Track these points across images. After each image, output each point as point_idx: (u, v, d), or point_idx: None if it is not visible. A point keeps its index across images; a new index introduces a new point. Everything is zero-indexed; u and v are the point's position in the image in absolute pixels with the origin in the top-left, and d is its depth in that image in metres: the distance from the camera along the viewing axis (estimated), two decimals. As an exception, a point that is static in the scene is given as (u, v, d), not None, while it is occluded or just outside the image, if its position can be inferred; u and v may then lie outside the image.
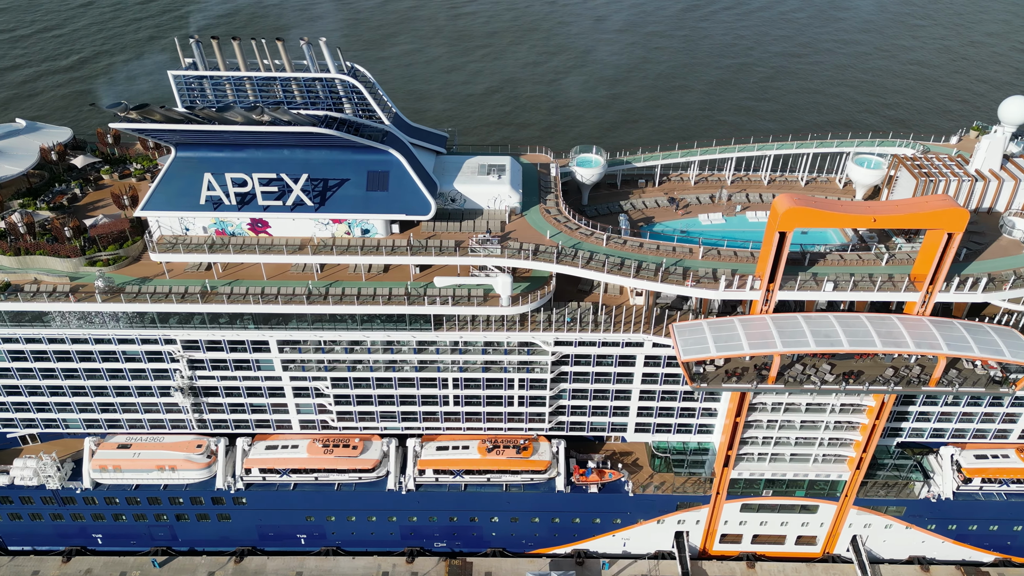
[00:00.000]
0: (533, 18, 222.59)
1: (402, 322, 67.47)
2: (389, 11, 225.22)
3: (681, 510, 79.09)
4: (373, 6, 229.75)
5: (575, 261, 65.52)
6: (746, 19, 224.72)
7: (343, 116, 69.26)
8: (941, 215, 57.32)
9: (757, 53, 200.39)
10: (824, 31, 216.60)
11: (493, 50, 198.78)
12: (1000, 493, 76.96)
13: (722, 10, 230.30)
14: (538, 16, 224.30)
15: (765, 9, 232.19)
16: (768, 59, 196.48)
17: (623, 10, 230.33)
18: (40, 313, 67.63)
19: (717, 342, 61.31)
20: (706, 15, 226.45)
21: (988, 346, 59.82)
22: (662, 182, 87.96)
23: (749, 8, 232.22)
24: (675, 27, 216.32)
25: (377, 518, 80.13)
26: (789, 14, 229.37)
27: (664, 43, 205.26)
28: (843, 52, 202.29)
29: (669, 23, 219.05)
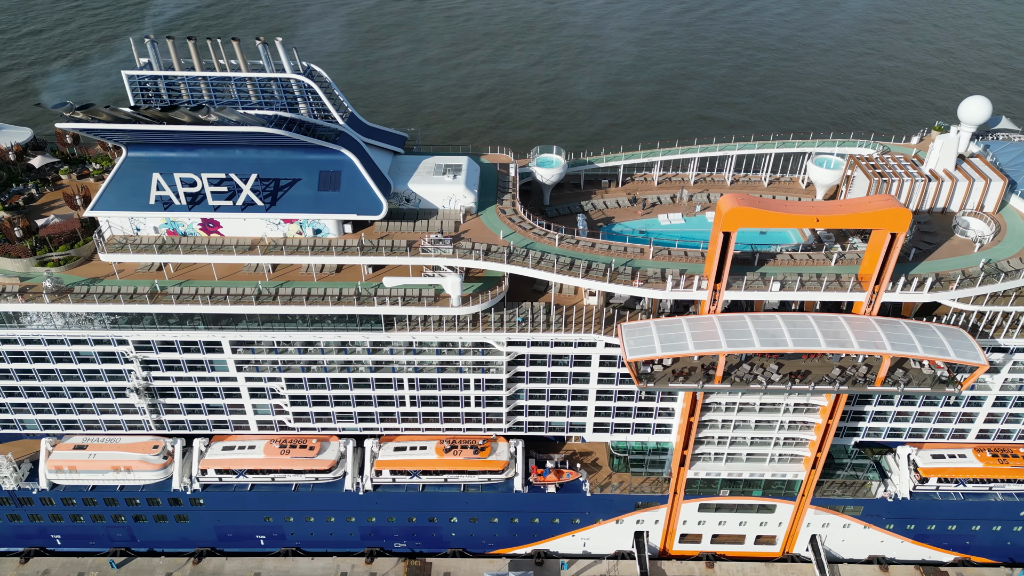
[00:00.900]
0: (531, 17, 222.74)
1: (353, 323, 67.36)
2: (386, 11, 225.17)
3: (639, 510, 79.10)
4: (369, 6, 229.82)
5: (525, 261, 65.47)
6: (749, 17, 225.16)
7: (295, 116, 69.03)
8: (883, 215, 57.37)
9: (759, 53, 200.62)
10: (817, 32, 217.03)
11: (486, 50, 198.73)
12: (957, 493, 77.12)
13: (723, 9, 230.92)
14: (536, 15, 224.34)
15: (762, 10, 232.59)
16: (767, 59, 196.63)
17: (627, 9, 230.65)
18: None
19: (663, 342, 61.29)
20: (707, 15, 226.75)
21: (933, 346, 59.90)
22: (626, 182, 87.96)
23: (747, 9, 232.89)
24: (673, 27, 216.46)
25: (336, 519, 80.00)
26: (788, 15, 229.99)
27: (666, 43, 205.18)
28: (839, 51, 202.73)
29: (666, 24, 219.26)
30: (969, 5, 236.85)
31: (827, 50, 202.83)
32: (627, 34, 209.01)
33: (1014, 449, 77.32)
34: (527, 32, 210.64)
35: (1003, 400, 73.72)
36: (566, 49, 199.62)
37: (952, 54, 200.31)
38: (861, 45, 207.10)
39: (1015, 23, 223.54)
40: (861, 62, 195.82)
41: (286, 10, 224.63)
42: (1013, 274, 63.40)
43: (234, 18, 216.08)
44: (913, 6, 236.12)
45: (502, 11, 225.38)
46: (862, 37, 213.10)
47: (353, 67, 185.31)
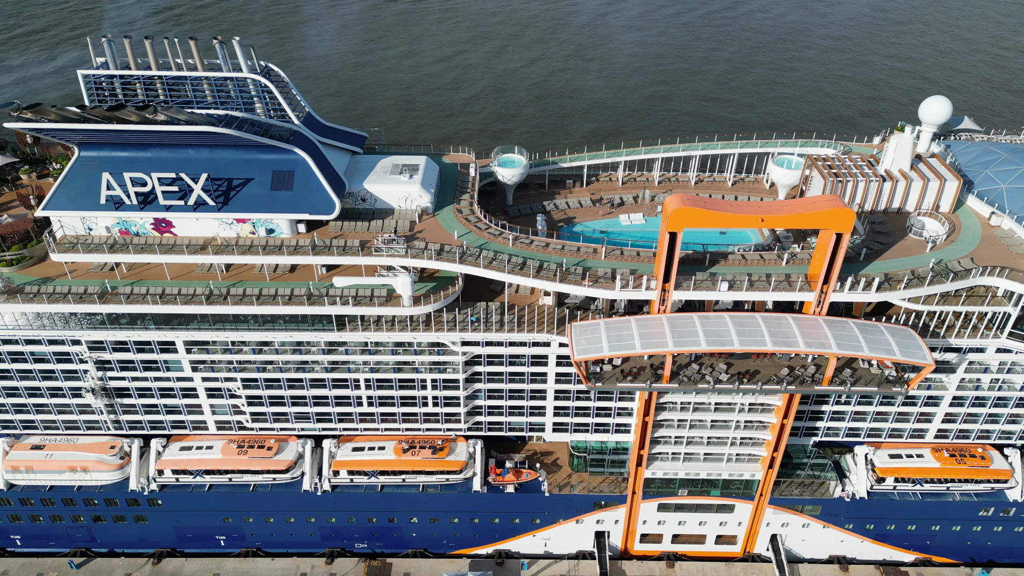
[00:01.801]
0: (527, 18, 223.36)
1: (304, 323, 67.21)
2: (384, 12, 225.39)
3: (599, 510, 79.05)
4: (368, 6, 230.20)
5: (477, 261, 65.40)
6: (747, 18, 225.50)
7: (247, 116, 68.92)
8: (827, 215, 57.39)
9: (758, 52, 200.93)
10: (809, 33, 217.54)
11: (480, 51, 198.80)
12: (915, 493, 77.21)
13: (723, 10, 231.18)
14: (531, 15, 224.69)
15: (760, 11, 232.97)
16: (767, 58, 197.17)
17: (629, 8, 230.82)
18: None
19: (611, 342, 61.26)
20: (705, 15, 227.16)
21: (880, 346, 59.91)
22: (591, 182, 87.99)
23: (748, 9, 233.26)
24: (677, 27, 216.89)
25: (295, 519, 79.83)
26: (784, 16, 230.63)
27: (660, 40, 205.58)
28: (824, 50, 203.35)
29: (664, 23, 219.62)
30: (964, 6, 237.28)
31: (806, 48, 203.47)
32: (631, 35, 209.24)
33: (972, 449, 77.41)
34: (525, 32, 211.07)
35: (960, 400, 73.77)
36: (563, 49, 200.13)
37: (951, 55, 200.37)
38: (852, 44, 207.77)
39: (1009, 22, 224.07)
40: (851, 60, 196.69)
41: (283, 9, 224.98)
42: (963, 274, 63.45)
43: (231, 17, 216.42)
44: (908, 6, 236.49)
45: (498, 11, 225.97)
46: (855, 35, 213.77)
47: (361, 67, 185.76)
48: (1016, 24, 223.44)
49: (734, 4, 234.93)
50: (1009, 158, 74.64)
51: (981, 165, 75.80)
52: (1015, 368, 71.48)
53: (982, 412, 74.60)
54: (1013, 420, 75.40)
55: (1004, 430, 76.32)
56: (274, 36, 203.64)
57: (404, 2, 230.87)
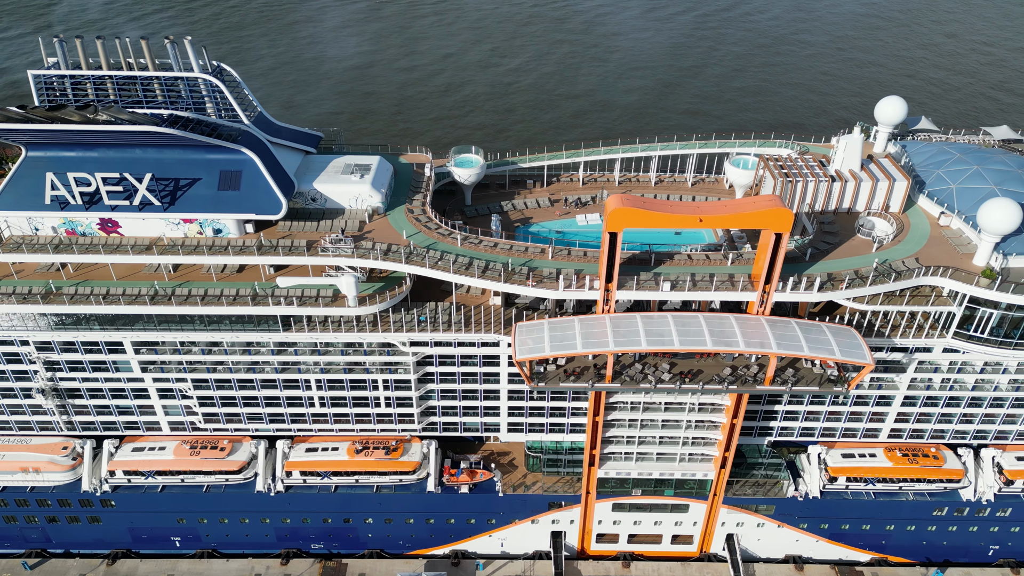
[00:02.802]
0: (531, 16, 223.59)
1: (250, 323, 67.10)
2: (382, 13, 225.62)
3: (554, 510, 79.02)
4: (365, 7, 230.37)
5: (423, 261, 65.35)
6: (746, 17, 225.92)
7: (193, 115, 68.72)
8: (765, 215, 57.42)
9: (757, 51, 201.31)
10: (788, 30, 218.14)
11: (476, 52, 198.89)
12: (868, 492, 77.29)
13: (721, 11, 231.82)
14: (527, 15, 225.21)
15: (757, 12, 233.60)
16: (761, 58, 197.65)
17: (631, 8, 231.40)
18: None
19: (553, 341, 61.23)
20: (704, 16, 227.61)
21: (820, 345, 59.96)
22: (551, 182, 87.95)
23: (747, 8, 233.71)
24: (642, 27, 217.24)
25: (250, 520, 79.67)
26: (778, 17, 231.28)
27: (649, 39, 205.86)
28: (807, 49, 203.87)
29: (634, 23, 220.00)
30: (954, 8, 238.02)
31: (778, 45, 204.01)
32: (630, 35, 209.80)
33: (925, 449, 77.53)
34: (521, 33, 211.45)
35: (912, 400, 73.90)
36: (560, 48, 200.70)
37: (942, 54, 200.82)
38: (838, 43, 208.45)
39: (999, 23, 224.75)
40: (838, 57, 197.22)
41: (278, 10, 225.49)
42: (906, 274, 63.55)
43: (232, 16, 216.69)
44: (901, 7, 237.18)
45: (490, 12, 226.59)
46: (844, 34, 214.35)
47: (358, 68, 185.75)
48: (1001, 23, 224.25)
49: (731, 5, 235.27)
50: (961, 158, 74.77)
51: (934, 165, 75.92)
52: (966, 368, 71.63)
53: (935, 412, 74.74)
54: (966, 420, 75.57)
55: (958, 430, 76.49)
56: (278, 34, 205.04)
57: (400, 4, 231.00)
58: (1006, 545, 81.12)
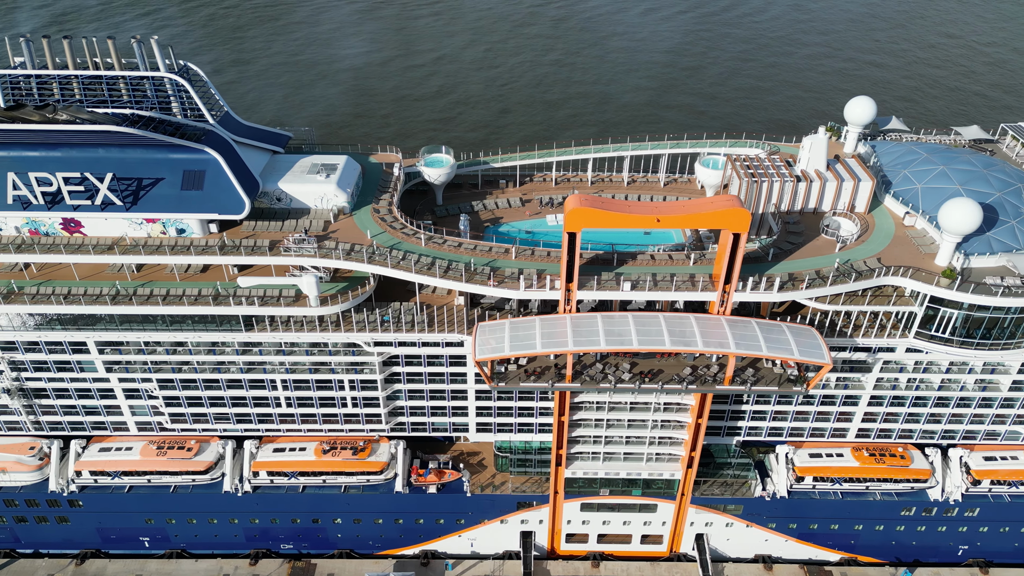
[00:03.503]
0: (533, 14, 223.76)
1: (213, 323, 66.98)
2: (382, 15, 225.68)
3: (522, 510, 79.02)
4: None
5: (385, 261, 65.27)
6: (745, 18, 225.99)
7: (156, 115, 68.61)
8: (722, 215, 57.42)
9: (756, 51, 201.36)
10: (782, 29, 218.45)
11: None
12: (836, 492, 77.34)
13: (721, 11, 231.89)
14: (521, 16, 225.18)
15: (758, 12, 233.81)
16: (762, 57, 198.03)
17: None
18: None
19: (513, 341, 61.18)
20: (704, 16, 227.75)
21: (779, 345, 59.94)
22: (524, 182, 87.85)
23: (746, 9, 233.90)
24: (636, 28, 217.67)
25: (218, 520, 79.58)
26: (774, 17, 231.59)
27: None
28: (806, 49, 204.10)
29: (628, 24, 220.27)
30: (952, 9, 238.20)
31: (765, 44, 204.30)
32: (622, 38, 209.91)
33: (893, 448, 77.59)
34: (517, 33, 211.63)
35: (879, 400, 73.95)
36: (551, 50, 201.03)
37: (933, 55, 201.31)
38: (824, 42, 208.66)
39: (985, 24, 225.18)
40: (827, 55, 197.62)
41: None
42: (867, 274, 63.57)
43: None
44: (894, 10, 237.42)
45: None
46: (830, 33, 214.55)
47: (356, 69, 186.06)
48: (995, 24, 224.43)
49: (727, 7, 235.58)
50: (928, 158, 74.78)
51: (902, 165, 75.93)
52: (931, 368, 71.74)
53: (902, 412, 74.83)
54: (933, 420, 75.65)
55: (925, 430, 76.55)
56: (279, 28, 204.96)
57: (396, 5, 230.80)
58: (975, 545, 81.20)
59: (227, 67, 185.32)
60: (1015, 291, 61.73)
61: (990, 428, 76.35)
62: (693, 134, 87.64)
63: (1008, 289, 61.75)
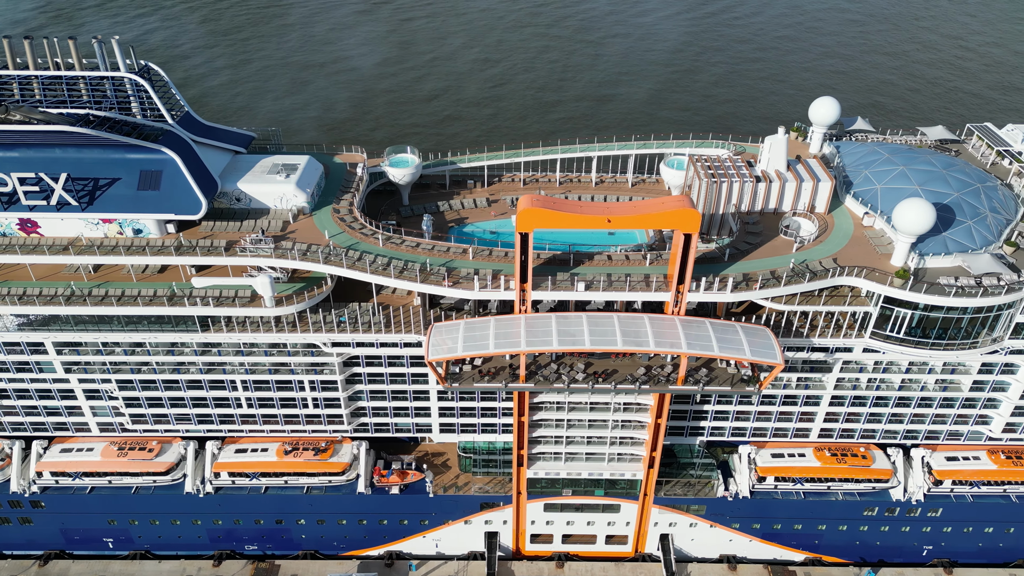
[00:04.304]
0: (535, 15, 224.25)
1: (168, 323, 66.83)
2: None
3: (486, 510, 78.94)
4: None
5: (341, 261, 65.17)
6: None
7: (113, 115, 68.44)
8: (672, 216, 57.42)
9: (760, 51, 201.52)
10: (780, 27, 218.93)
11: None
12: (798, 492, 77.37)
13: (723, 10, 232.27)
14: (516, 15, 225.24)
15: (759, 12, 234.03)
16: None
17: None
18: None
19: (466, 342, 61.09)
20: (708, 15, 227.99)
21: (730, 345, 59.90)
22: (493, 183, 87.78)
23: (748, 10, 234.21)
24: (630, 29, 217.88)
25: (181, 521, 79.43)
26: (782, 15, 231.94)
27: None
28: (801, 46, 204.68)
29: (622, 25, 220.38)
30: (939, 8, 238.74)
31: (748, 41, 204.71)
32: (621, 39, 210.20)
33: (854, 448, 77.64)
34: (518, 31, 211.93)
35: (840, 400, 74.02)
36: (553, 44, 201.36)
37: (921, 56, 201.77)
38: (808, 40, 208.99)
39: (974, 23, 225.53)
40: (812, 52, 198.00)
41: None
42: (822, 274, 63.60)
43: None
44: (882, 7, 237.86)
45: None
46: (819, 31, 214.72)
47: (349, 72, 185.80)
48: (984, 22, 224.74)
49: (725, 8, 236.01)
50: (889, 158, 74.85)
51: (864, 165, 75.98)
52: (891, 368, 71.85)
53: (863, 412, 74.93)
54: (895, 420, 75.75)
55: (888, 430, 76.65)
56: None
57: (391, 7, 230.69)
58: (939, 545, 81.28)
59: (224, 68, 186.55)
60: (968, 291, 61.83)
61: (953, 428, 76.49)
62: (660, 135, 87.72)
63: (961, 289, 61.83)
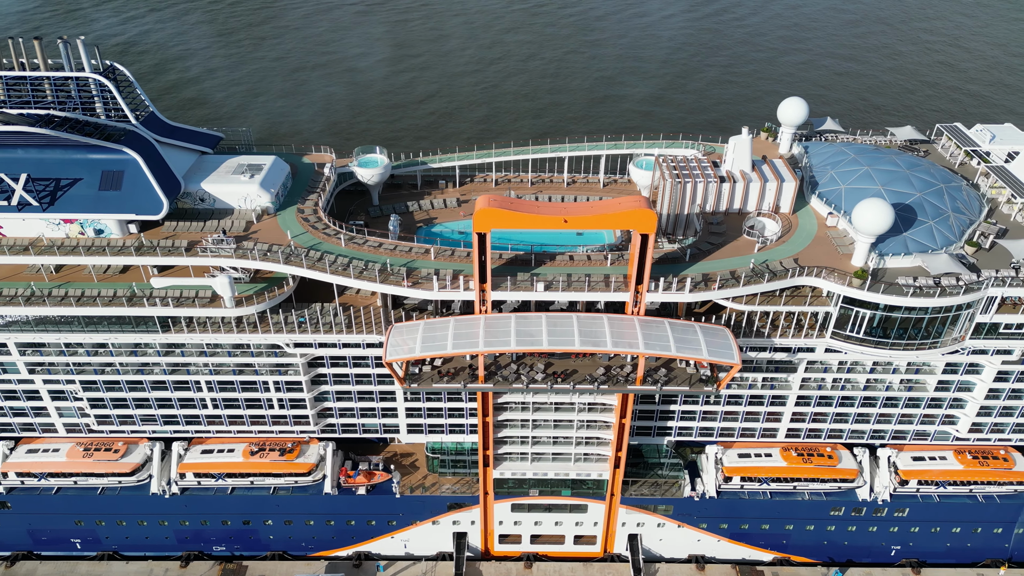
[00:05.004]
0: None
1: (129, 324, 66.69)
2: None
3: (453, 511, 78.86)
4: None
5: (301, 261, 65.08)
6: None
7: (79, 116, 68.35)
8: (628, 216, 57.45)
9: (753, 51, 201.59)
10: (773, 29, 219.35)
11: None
12: (765, 492, 77.41)
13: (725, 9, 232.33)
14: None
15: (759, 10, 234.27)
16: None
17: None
18: None
19: (425, 342, 61.02)
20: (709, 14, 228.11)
21: (688, 345, 59.88)
22: (465, 183, 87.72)
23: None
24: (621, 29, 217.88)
25: (148, 522, 79.23)
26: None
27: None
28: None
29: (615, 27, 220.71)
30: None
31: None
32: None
33: (821, 448, 77.67)
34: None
35: (806, 399, 74.11)
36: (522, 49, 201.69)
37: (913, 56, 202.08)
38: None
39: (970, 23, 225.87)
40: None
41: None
42: (781, 274, 63.65)
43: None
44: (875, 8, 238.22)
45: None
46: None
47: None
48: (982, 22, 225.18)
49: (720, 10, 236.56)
50: (855, 159, 74.93)
51: (830, 166, 75.98)
52: (856, 368, 71.97)
53: (829, 412, 75.00)
54: (861, 420, 75.85)
55: (854, 430, 76.77)
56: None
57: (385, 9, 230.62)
58: (907, 545, 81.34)
59: (220, 69, 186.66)
60: (926, 291, 61.93)
61: (919, 428, 76.63)
62: (631, 135, 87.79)
63: (919, 289, 61.93)
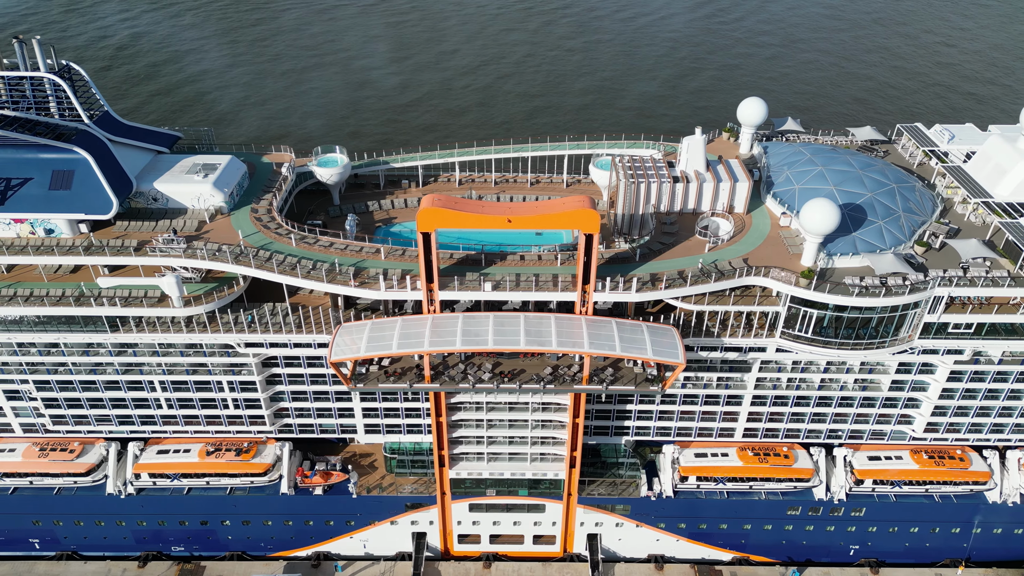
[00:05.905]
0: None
1: (78, 324, 66.52)
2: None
3: (411, 511, 78.81)
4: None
5: (250, 261, 64.97)
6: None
7: (32, 115, 68.22)
8: (572, 216, 57.45)
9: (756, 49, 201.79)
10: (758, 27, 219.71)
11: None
12: (722, 492, 77.50)
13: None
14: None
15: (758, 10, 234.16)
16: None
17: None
18: None
19: (370, 342, 60.96)
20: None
21: (633, 345, 59.88)
22: (428, 183, 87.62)
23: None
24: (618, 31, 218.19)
25: (105, 523, 79.06)
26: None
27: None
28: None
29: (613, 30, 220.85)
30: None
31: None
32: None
33: (777, 448, 77.78)
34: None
35: (761, 399, 74.19)
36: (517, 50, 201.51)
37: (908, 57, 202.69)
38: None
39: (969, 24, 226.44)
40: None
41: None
42: (729, 274, 63.72)
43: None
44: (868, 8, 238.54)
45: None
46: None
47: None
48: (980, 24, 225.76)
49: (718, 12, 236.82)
50: (811, 159, 75.02)
51: (787, 166, 76.06)
52: (810, 368, 72.04)
53: (785, 411, 75.12)
54: (817, 419, 75.98)
55: (811, 429, 76.86)
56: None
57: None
58: (866, 545, 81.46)
59: (217, 69, 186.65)
60: (872, 291, 62.05)
61: (876, 428, 76.76)
62: (593, 135, 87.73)
63: (865, 289, 62.04)
